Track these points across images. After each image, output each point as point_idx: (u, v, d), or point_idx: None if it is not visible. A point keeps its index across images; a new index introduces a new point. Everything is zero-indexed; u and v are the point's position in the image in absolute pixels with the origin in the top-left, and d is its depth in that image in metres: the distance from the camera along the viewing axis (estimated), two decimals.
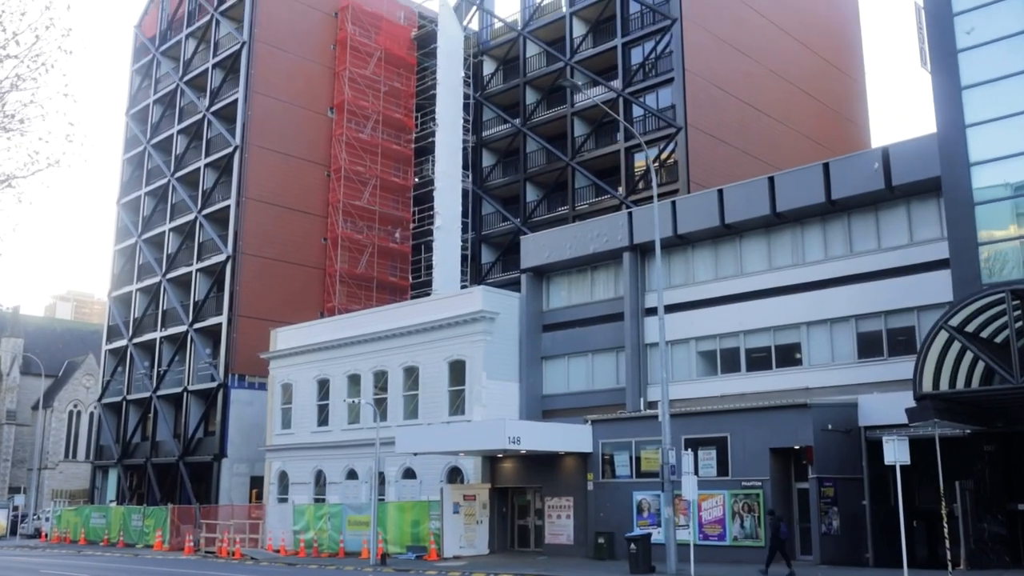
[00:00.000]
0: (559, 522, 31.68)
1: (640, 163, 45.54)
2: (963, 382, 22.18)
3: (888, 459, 21.10)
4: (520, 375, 36.59)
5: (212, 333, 51.17)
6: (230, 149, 51.71)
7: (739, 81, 46.73)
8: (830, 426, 25.74)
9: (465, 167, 52.57)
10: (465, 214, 51.89)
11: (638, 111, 45.83)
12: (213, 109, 54.12)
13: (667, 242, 32.44)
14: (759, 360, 31.16)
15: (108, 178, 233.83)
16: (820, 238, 30.32)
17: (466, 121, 53.47)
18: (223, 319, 49.58)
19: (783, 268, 31.00)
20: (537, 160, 50.91)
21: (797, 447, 26.24)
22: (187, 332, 52.31)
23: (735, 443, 27.20)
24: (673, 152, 43.50)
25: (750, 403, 28.43)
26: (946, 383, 21.99)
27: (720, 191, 32.42)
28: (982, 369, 22.15)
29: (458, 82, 51.73)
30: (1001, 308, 20.90)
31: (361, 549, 33.47)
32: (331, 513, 36.24)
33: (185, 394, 51.74)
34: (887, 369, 27.64)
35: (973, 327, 21.57)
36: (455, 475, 35.68)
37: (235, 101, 52.32)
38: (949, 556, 21.97)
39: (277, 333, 44.95)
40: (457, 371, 36.41)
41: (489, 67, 54.76)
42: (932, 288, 26.89)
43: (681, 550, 23.88)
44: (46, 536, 53.32)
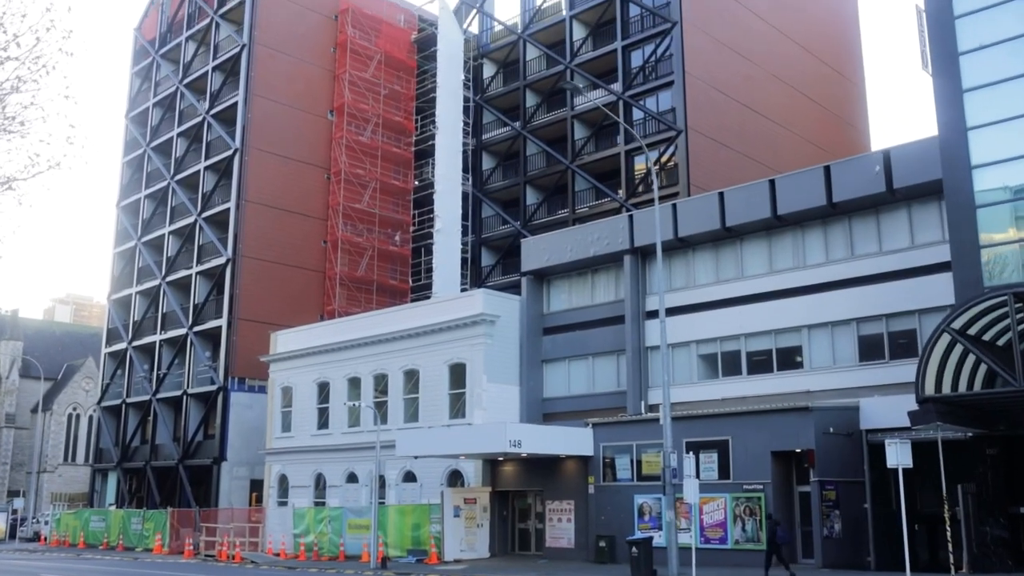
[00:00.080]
0: (560, 525, 31.61)
1: (640, 166, 45.52)
2: (965, 385, 22.16)
3: (890, 462, 21.07)
4: (521, 378, 36.57)
5: (212, 336, 51.12)
6: (230, 152, 51.68)
7: (739, 84, 46.74)
8: (831, 429, 25.71)
9: (465, 170, 52.57)
10: (465, 217, 51.88)
11: (638, 114, 45.82)
12: (213, 112, 54.10)
13: (668, 245, 32.42)
14: (760, 363, 31.13)
15: (107, 181, 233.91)
16: (821, 241, 30.31)
17: (466, 124, 53.47)
18: (223, 322, 49.53)
19: (784, 271, 30.98)
20: (537, 163, 50.90)
21: (798, 450, 26.22)
22: (187, 335, 52.25)
23: (736, 446, 27.15)
24: (673, 155, 43.49)
25: (751, 406, 28.41)
26: (948, 386, 21.98)
27: (721, 194, 32.40)
28: (984, 372, 22.14)
29: (458, 85, 51.75)
30: (1004, 311, 20.89)
31: (361, 553, 33.44)
32: (331, 516, 36.19)
33: (185, 397, 51.67)
34: (888, 372, 27.62)
35: (975, 330, 21.55)
36: (456, 478, 35.63)
37: (235, 104, 52.30)
38: (952, 560, 21.94)
39: (277, 336, 44.91)
40: (457, 374, 36.37)
41: (489, 70, 54.76)
42: (933, 291, 26.91)
43: (683, 554, 23.80)
44: (45, 539, 53.24)
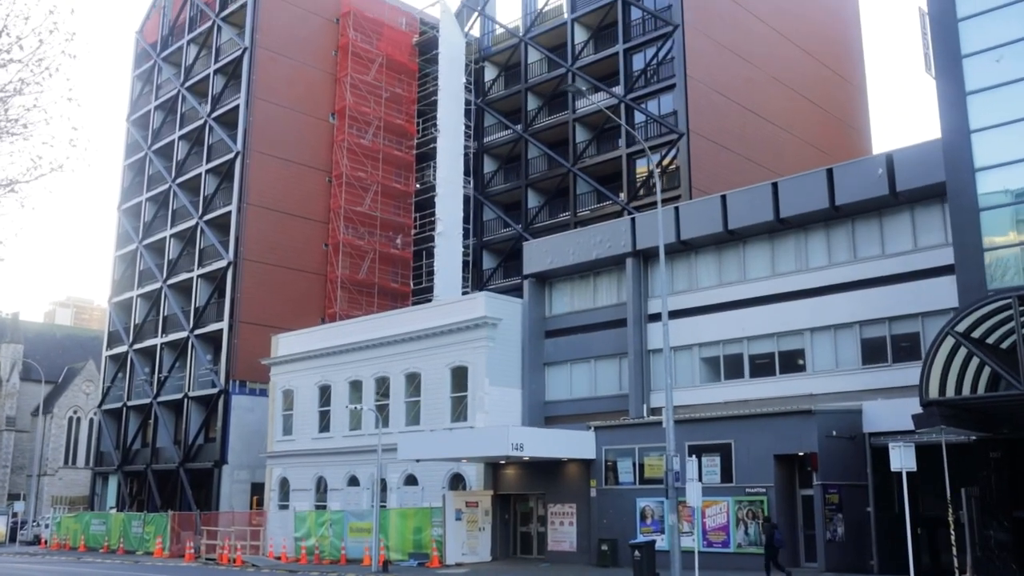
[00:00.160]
0: (562, 529, 31.54)
1: (642, 169, 45.49)
2: (969, 388, 22.08)
3: (894, 466, 21.01)
4: (523, 381, 36.50)
5: (213, 339, 51.07)
6: (231, 155, 51.66)
7: (741, 87, 46.72)
8: (834, 432, 25.66)
9: (466, 173, 52.52)
10: (466, 220, 51.83)
11: (640, 117, 45.79)
12: (214, 115, 54.09)
13: (670, 248, 32.36)
14: (763, 366, 31.07)
15: (108, 184, 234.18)
16: (824, 244, 30.27)
17: (467, 127, 53.44)
18: (224, 325, 49.47)
19: (787, 274, 30.93)
20: (538, 166, 50.86)
21: (801, 454, 26.18)
22: (188, 338, 52.21)
23: (739, 449, 27.09)
24: (675, 158, 43.44)
25: (754, 409, 28.33)
26: (952, 389, 21.90)
27: (724, 197, 32.36)
28: (988, 375, 22.06)
29: (459, 88, 51.73)
30: (1008, 314, 20.81)
31: (363, 556, 33.36)
32: (332, 520, 36.12)
33: (186, 400, 51.62)
34: (891, 375, 27.59)
35: (979, 333, 21.47)
36: (457, 482, 35.55)
37: (236, 107, 52.29)
38: (956, 564, 21.86)
39: (278, 339, 44.86)
40: (459, 377, 36.31)
41: (490, 73, 54.74)
42: (936, 294, 26.88)
43: (685, 557, 23.73)
44: (45, 543, 53.14)
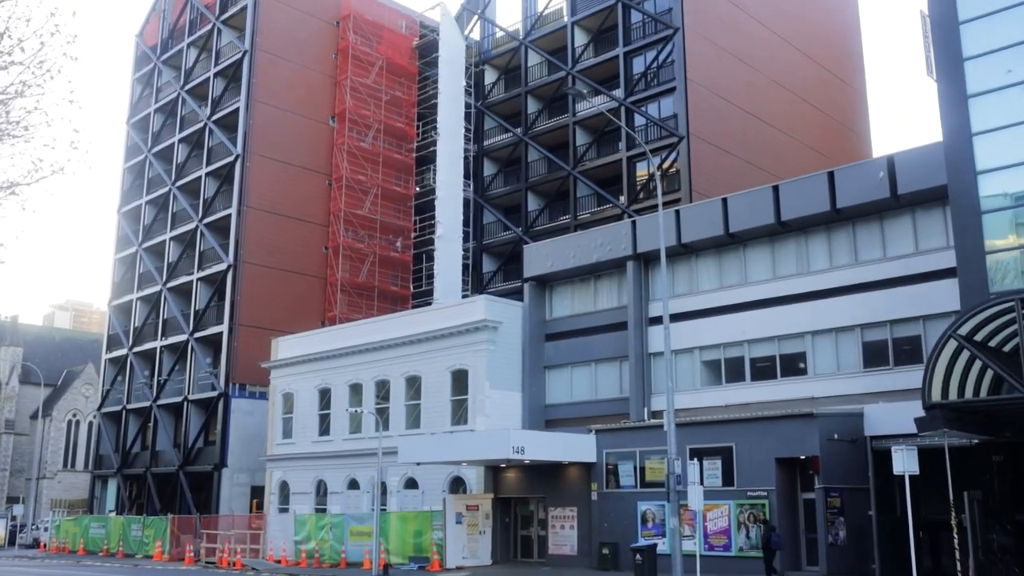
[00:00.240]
0: (563, 532, 31.47)
1: (642, 172, 45.48)
2: (971, 391, 22.05)
3: (897, 469, 20.96)
4: (523, 384, 36.44)
5: (213, 342, 51.01)
6: (231, 158, 51.63)
7: (741, 91, 46.72)
8: (836, 436, 25.61)
9: (466, 176, 52.52)
10: (466, 223, 51.83)
11: (640, 120, 45.79)
12: (214, 118, 54.07)
13: (671, 251, 32.29)
14: (764, 369, 31.03)
15: (108, 187, 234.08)
16: (825, 247, 30.23)
17: (467, 130, 53.45)
18: (224, 328, 49.41)
19: (787, 277, 30.89)
20: (538, 169, 50.85)
21: (803, 457, 26.12)
22: (187, 341, 52.15)
23: (741, 453, 27.04)
24: (675, 161, 43.43)
25: (755, 413, 28.28)
26: (955, 392, 21.86)
27: (724, 200, 32.34)
28: (991, 378, 22.03)
29: (459, 91, 51.74)
30: (1010, 317, 20.78)
31: (363, 559, 33.29)
32: (333, 523, 36.05)
33: (185, 403, 51.55)
34: (893, 378, 27.54)
35: (982, 336, 21.44)
36: (458, 485, 35.48)
37: (236, 110, 52.27)
38: (959, 568, 21.80)
39: (278, 342, 44.80)
40: (460, 380, 36.24)
41: (490, 76, 54.76)
42: (938, 297, 26.82)
43: (686, 561, 23.66)
44: (45, 546, 53.05)
